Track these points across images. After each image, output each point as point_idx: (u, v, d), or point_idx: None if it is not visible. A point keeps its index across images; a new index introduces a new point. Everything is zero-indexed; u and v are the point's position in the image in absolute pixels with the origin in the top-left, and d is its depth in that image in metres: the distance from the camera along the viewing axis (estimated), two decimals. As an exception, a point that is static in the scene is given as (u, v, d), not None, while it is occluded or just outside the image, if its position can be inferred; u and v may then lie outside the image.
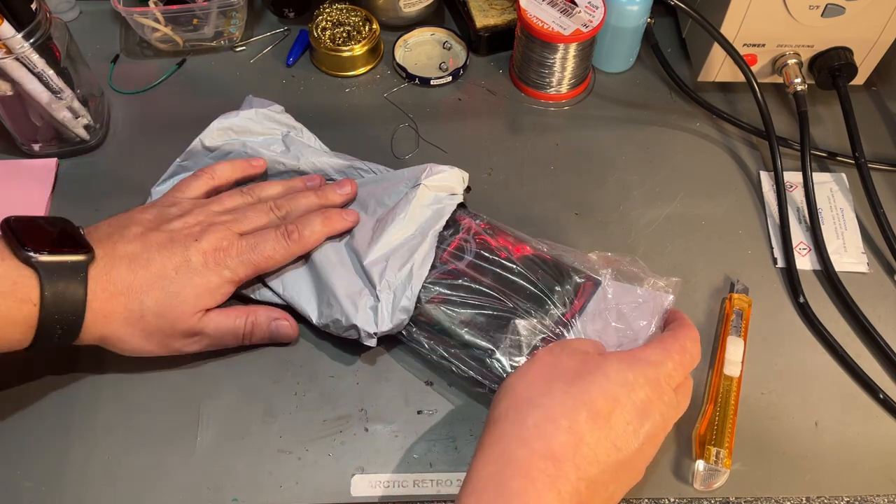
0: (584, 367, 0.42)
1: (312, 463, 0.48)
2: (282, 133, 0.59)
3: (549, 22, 0.62)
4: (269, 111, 0.60)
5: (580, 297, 0.51)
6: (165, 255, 0.47)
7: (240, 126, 0.58)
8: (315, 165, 0.57)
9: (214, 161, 0.57)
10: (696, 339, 0.45)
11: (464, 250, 0.52)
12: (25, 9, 0.53)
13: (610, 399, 0.40)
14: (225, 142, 0.58)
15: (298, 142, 0.59)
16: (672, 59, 0.69)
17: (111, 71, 0.67)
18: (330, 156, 0.58)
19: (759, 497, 0.48)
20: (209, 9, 0.65)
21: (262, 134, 0.59)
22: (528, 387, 0.42)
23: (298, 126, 0.60)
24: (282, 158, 0.57)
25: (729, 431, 0.48)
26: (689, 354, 0.44)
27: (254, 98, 0.61)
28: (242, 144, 0.58)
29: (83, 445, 0.48)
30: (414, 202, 0.52)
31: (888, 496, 0.48)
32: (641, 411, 0.40)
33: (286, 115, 0.60)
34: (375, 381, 0.51)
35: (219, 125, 0.58)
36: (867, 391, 0.52)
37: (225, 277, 0.48)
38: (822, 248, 0.58)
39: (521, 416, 0.40)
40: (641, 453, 0.41)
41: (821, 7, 0.59)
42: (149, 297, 0.46)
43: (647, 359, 0.42)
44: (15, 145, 0.61)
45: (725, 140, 0.65)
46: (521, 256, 0.52)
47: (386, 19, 0.70)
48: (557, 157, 0.63)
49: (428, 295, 0.50)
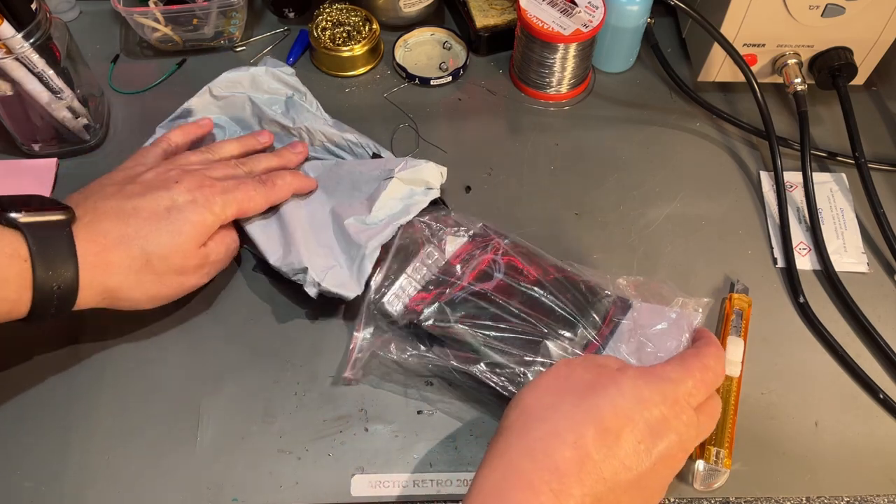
0: (597, 380, 0.40)
1: (312, 463, 0.48)
2: (286, 95, 0.61)
3: (549, 22, 0.62)
4: (279, 71, 0.61)
5: (610, 318, 0.50)
6: (150, 200, 0.48)
7: (248, 81, 0.60)
8: (308, 130, 0.59)
9: (220, 110, 0.60)
10: (720, 356, 0.43)
11: (493, 270, 0.52)
12: (25, 9, 0.53)
13: (621, 416, 0.38)
14: (232, 93, 0.60)
15: (299, 105, 0.60)
16: (672, 59, 0.69)
17: (111, 71, 0.67)
18: (325, 124, 0.60)
19: (759, 497, 0.48)
20: (209, 9, 0.65)
21: (268, 93, 0.61)
22: (539, 399, 0.41)
23: (304, 90, 0.62)
24: (280, 119, 0.59)
25: (729, 431, 0.48)
26: (711, 372, 0.42)
27: (269, 58, 0.64)
28: (248, 98, 0.60)
29: (83, 445, 0.48)
30: (384, 194, 0.53)
31: (888, 496, 0.48)
32: (655, 430, 0.39)
33: (295, 77, 0.62)
34: (375, 381, 0.51)
35: (229, 76, 0.60)
36: (867, 391, 0.52)
37: (216, 214, 0.49)
38: (822, 248, 0.58)
39: (527, 429, 0.39)
40: (655, 473, 0.39)
41: (821, 7, 0.59)
42: (149, 241, 0.46)
43: (666, 375, 0.41)
44: (15, 145, 0.61)
45: (725, 140, 0.65)
46: (551, 278, 0.51)
47: (386, 19, 0.70)
48: (557, 157, 0.63)
49: (456, 314, 0.49)
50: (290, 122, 0.59)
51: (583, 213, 0.60)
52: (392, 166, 0.54)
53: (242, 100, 0.60)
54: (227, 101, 0.60)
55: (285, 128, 0.59)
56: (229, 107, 0.60)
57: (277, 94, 0.61)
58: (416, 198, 0.54)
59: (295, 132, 0.59)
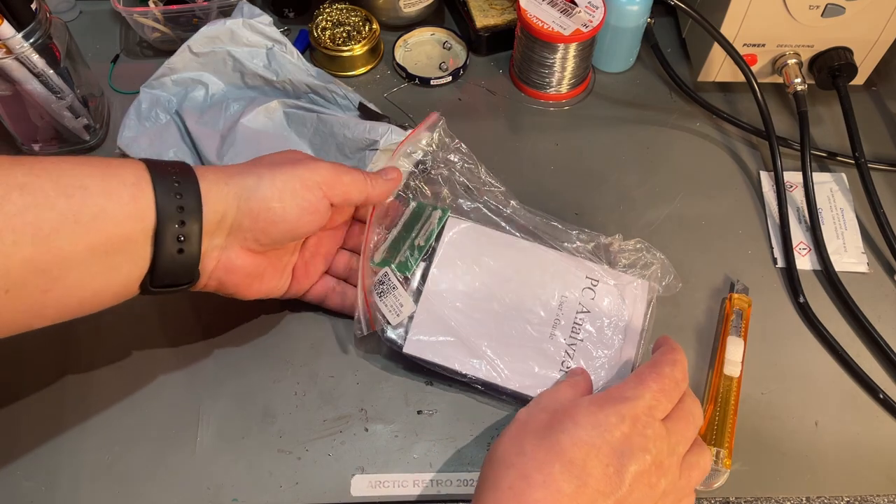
0: (554, 417, 0.41)
1: (312, 463, 0.48)
2: (266, 47, 0.61)
3: (549, 22, 0.62)
4: (256, 22, 0.61)
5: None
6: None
7: (227, 35, 0.60)
8: (292, 83, 0.59)
9: (201, 66, 0.60)
10: (676, 361, 0.43)
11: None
12: (25, 9, 0.53)
13: (582, 445, 0.38)
14: (211, 49, 0.60)
15: (281, 56, 0.60)
16: (672, 59, 0.69)
17: (111, 71, 0.67)
18: (308, 74, 0.60)
19: (759, 497, 0.48)
20: (209, 9, 0.65)
21: (248, 45, 0.61)
22: (504, 450, 0.40)
23: (283, 40, 0.62)
24: (262, 72, 0.59)
25: (729, 431, 0.48)
26: (668, 380, 0.42)
27: (245, 4, 0.63)
28: (228, 53, 0.60)
29: (83, 445, 0.48)
30: (370, 166, 0.53)
31: (888, 496, 0.48)
32: (621, 451, 0.38)
33: (272, 27, 0.62)
34: (375, 381, 0.51)
35: (207, 32, 0.60)
36: (867, 391, 0.52)
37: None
38: (822, 248, 0.58)
39: (497, 481, 0.39)
40: (638, 492, 0.38)
41: (821, 7, 0.59)
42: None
43: (620, 396, 0.41)
44: (15, 145, 0.61)
45: (725, 140, 0.65)
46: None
47: (386, 19, 0.70)
48: (557, 157, 0.63)
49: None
50: (273, 76, 0.59)
51: (583, 213, 0.60)
52: (376, 136, 0.55)
53: (223, 55, 0.60)
54: (207, 57, 0.60)
55: (269, 81, 0.59)
56: (209, 63, 0.60)
57: (257, 46, 0.61)
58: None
59: (279, 85, 0.59)
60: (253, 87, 0.61)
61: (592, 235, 0.54)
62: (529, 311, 0.50)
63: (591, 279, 0.52)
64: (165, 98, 0.60)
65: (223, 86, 0.61)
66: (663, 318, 0.54)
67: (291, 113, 0.58)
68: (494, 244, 0.53)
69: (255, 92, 0.61)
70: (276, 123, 0.58)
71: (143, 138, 0.58)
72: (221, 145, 0.56)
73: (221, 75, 0.61)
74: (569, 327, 0.50)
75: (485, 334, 0.49)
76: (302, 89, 0.59)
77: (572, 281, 0.52)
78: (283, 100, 0.59)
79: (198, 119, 0.58)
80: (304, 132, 0.57)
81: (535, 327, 0.50)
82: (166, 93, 0.60)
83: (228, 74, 0.61)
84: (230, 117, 0.58)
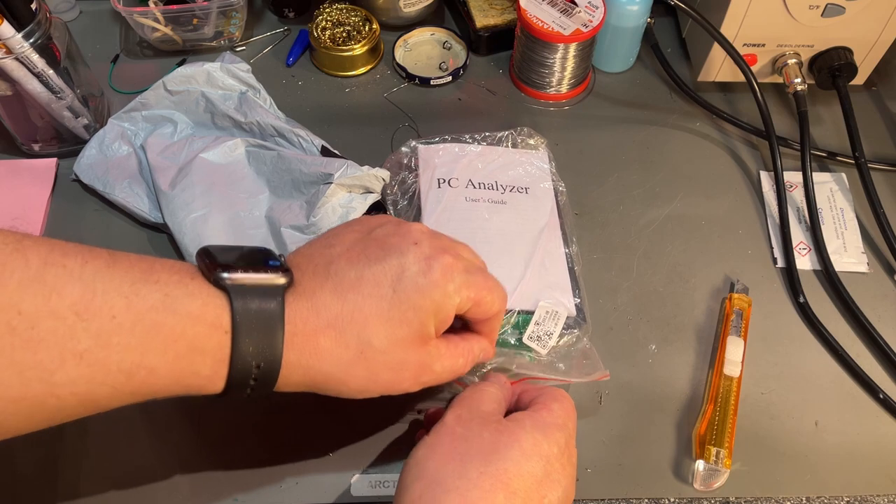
0: (499, 440, 0.39)
1: (312, 463, 0.48)
2: (240, 91, 0.61)
3: (549, 22, 0.62)
4: (235, 67, 0.62)
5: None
6: (377, 267, 0.39)
7: (203, 77, 0.61)
8: (259, 124, 0.59)
9: (173, 105, 0.60)
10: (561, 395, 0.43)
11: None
12: (25, 9, 0.53)
13: (527, 477, 0.38)
14: (186, 89, 0.60)
15: (252, 101, 0.61)
16: (672, 59, 0.69)
17: (111, 71, 0.67)
18: (277, 119, 0.60)
19: (759, 497, 0.48)
20: (209, 9, 0.65)
21: (223, 89, 0.61)
22: (442, 467, 0.38)
23: (258, 86, 0.62)
24: (231, 114, 0.60)
25: (729, 431, 0.48)
26: (567, 401, 0.42)
27: (228, 54, 0.64)
28: (201, 94, 0.60)
29: (82, 445, 0.48)
30: (322, 200, 0.53)
31: (888, 496, 0.48)
32: (551, 481, 0.38)
33: (250, 74, 0.62)
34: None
35: (183, 72, 0.60)
36: (867, 391, 0.52)
37: (448, 295, 0.39)
38: (822, 248, 0.58)
39: (438, 503, 0.37)
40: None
41: (821, 7, 0.59)
42: (366, 329, 0.38)
43: (554, 423, 0.40)
44: (15, 145, 0.61)
45: (725, 140, 0.65)
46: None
47: (386, 19, 0.70)
48: (557, 157, 0.63)
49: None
50: (241, 117, 0.59)
51: (583, 213, 0.60)
52: (332, 171, 0.54)
53: (196, 95, 0.60)
54: (181, 96, 0.60)
55: (237, 122, 0.59)
56: (182, 102, 0.61)
57: (231, 90, 0.61)
58: (356, 203, 0.54)
59: (246, 126, 0.59)
60: (221, 128, 0.61)
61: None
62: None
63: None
64: (132, 132, 0.60)
65: (192, 125, 0.61)
66: (663, 318, 0.54)
67: (253, 151, 0.58)
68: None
69: (222, 132, 0.60)
70: (236, 160, 0.58)
71: (100, 167, 0.58)
72: (177, 175, 0.56)
73: (192, 115, 0.61)
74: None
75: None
76: (268, 131, 0.59)
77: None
78: (246, 138, 0.59)
79: (159, 152, 0.58)
80: (263, 170, 0.57)
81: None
82: (135, 126, 0.60)
83: (199, 115, 0.61)
84: (192, 152, 0.57)
